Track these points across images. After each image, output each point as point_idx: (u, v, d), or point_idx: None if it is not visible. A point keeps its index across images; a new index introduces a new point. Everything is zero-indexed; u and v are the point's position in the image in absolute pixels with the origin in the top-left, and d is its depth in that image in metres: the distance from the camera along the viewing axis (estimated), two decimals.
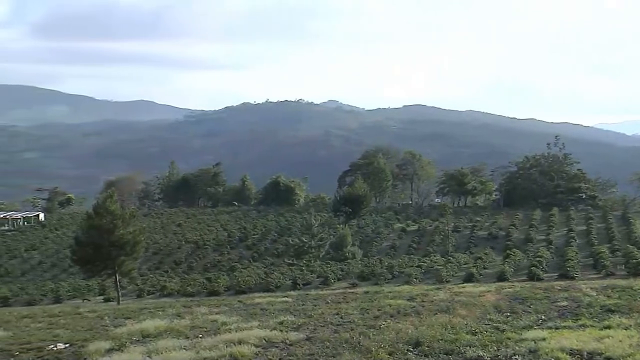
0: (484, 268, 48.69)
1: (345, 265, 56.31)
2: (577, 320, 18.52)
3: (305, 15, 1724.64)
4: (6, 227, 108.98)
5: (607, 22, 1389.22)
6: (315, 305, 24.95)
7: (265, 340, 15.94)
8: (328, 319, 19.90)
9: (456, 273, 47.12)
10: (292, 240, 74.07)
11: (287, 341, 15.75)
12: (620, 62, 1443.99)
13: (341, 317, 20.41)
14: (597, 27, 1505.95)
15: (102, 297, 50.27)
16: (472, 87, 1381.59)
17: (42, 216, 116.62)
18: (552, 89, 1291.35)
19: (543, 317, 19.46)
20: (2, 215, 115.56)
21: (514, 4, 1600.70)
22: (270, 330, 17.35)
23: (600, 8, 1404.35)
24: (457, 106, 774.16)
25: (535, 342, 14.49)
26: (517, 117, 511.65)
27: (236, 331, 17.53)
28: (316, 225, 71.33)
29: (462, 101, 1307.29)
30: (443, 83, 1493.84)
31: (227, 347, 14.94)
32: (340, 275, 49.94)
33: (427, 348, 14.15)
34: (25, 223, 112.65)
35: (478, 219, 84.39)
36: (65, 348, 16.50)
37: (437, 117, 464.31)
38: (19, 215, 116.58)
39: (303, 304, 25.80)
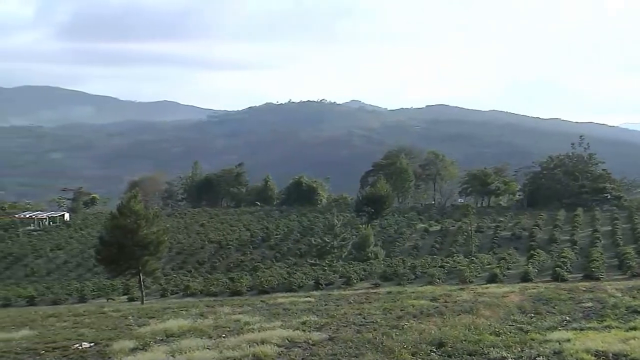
0: (508, 269, 48.36)
1: (367, 265, 56.23)
2: (602, 321, 18.34)
3: (329, 16, 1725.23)
4: (32, 227, 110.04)
5: (632, 20, 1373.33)
6: (338, 306, 24.94)
7: (287, 340, 15.95)
8: (351, 319, 19.88)
9: (479, 273, 46.85)
10: (314, 241, 74.07)
11: (310, 341, 15.74)
12: None
13: (364, 318, 20.38)
14: (622, 26, 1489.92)
15: (126, 296, 50.58)
16: (496, 87, 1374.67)
17: (67, 216, 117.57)
18: (576, 89, 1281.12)
19: (568, 318, 19.31)
20: (28, 215, 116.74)
21: (539, 3, 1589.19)
22: (293, 330, 17.36)
23: (625, 6, 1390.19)
24: (480, 106, 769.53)
25: (559, 344, 14.37)
26: (541, 117, 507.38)
27: (259, 331, 17.56)
28: (338, 226, 71.22)
29: (485, 101, 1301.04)
30: (466, 83, 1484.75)
31: (250, 346, 14.97)
32: (362, 275, 49.88)
33: (450, 349, 14.08)
34: (51, 223, 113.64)
35: (501, 219, 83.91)
36: (90, 347, 16.63)
37: (460, 117, 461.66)
38: (44, 215, 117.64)
39: (326, 304, 25.80)
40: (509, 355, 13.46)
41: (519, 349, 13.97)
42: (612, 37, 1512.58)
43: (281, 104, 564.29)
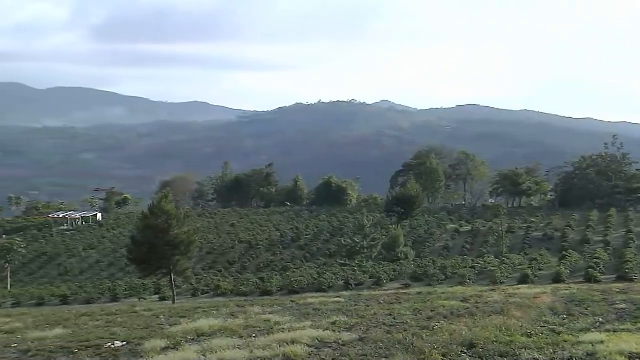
0: (539, 269, 47.91)
1: (397, 265, 56.11)
2: (636, 323, 18.12)
3: (359, 15, 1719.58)
4: (65, 227, 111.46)
5: None
6: (368, 306, 24.91)
7: (318, 340, 15.96)
8: (381, 320, 19.85)
9: (510, 274, 46.50)
10: (344, 241, 74.03)
11: (340, 341, 15.74)
12: None
13: (394, 318, 20.33)
14: None
15: (157, 296, 50.99)
16: (527, 86, 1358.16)
17: (99, 216, 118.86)
18: (609, 88, 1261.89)
19: (601, 319, 19.09)
20: (61, 215, 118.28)
21: (571, 1, 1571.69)
22: (323, 331, 17.37)
23: None
24: (511, 106, 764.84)
25: (592, 345, 14.22)
26: (573, 117, 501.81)
27: (289, 331, 17.60)
28: (368, 226, 71.12)
29: (516, 101, 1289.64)
30: (497, 82, 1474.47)
31: (280, 346, 15.01)
32: (392, 275, 49.76)
33: (481, 350, 14.00)
34: (84, 223, 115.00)
35: (533, 219, 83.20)
36: (123, 346, 16.79)
37: (490, 116, 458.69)
38: (77, 215, 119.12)
39: (355, 305, 25.78)
40: (540, 357, 13.35)
41: (551, 351, 13.84)
42: None
43: (311, 104, 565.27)
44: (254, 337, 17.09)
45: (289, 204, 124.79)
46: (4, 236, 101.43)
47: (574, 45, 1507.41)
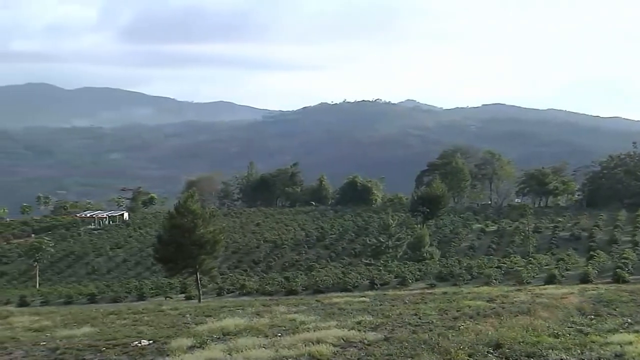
0: (566, 270, 47.42)
1: (423, 265, 55.94)
2: None
3: (385, 15, 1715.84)
4: (93, 226, 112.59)
5: None
6: (393, 306, 24.85)
7: (343, 339, 15.95)
8: (406, 320, 19.79)
9: (537, 274, 46.08)
10: (369, 240, 73.97)
11: (365, 341, 15.72)
12: None
13: (419, 318, 20.26)
14: None
15: (183, 295, 51.22)
16: (554, 85, 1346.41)
17: (126, 215, 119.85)
18: (637, 87, 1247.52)
19: (629, 320, 18.88)
20: (89, 215, 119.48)
21: (596, 0, 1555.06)
22: (348, 330, 17.35)
23: None
24: (537, 105, 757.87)
25: (621, 346, 14.08)
26: (601, 116, 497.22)
27: (314, 330, 17.60)
28: (394, 225, 70.97)
29: (543, 100, 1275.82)
30: (523, 81, 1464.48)
31: (305, 346, 15.01)
32: (418, 275, 49.59)
33: (507, 350, 13.91)
34: (111, 222, 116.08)
35: (560, 219, 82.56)
36: (149, 344, 16.90)
37: (516, 116, 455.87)
38: (104, 214, 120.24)
39: (381, 304, 25.72)
40: (568, 357, 13.25)
41: (579, 352, 13.73)
42: None
43: (336, 103, 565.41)
44: (280, 336, 17.11)
45: (314, 203, 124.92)
46: (33, 235, 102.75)
47: (602, 43, 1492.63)
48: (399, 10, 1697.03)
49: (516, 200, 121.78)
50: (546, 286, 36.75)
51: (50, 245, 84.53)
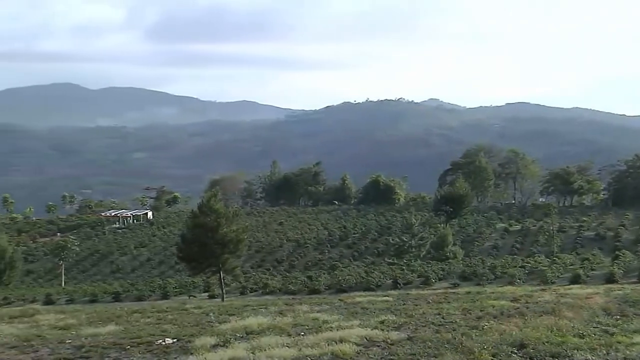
0: (592, 269, 46.96)
1: (446, 265, 55.69)
2: None
3: (408, 15, 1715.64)
4: (117, 225, 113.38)
5: None
6: (416, 305, 24.77)
7: (366, 339, 15.93)
8: (429, 319, 19.72)
9: (562, 274, 45.67)
10: (392, 240, 73.87)
11: (389, 340, 15.69)
12: None
13: (443, 318, 20.19)
14: None
15: (207, 293, 51.37)
16: (579, 84, 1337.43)
17: (150, 214, 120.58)
18: None
19: None
20: (113, 214, 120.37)
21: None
22: (372, 329, 17.33)
23: None
24: (562, 104, 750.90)
25: None
26: (627, 114, 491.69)
27: (337, 329, 17.60)
28: (417, 225, 70.80)
29: (568, 98, 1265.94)
30: (548, 80, 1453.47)
31: (328, 345, 15.02)
32: (441, 275, 49.37)
33: (532, 350, 13.82)
34: (135, 221, 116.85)
35: (585, 219, 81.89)
36: (173, 343, 16.99)
37: (541, 114, 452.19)
38: (129, 213, 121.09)
39: (404, 304, 25.66)
40: (593, 358, 13.14)
41: (604, 352, 13.61)
42: None
43: (359, 103, 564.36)
44: (302, 335, 17.12)
45: (336, 202, 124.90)
46: (58, 234, 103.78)
47: (629, 41, 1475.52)
48: (423, 9, 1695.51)
49: (540, 199, 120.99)
50: (571, 286, 36.45)
51: (76, 244, 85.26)
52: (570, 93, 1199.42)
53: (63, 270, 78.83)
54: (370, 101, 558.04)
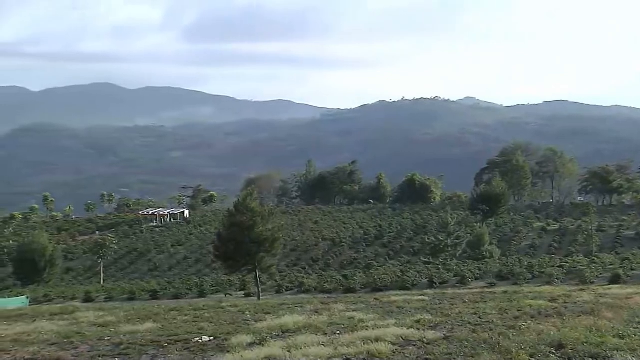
0: (632, 269, 46.25)
1: (482, 264, 55.34)
2: None
3: (445, 12, 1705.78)
4: (154, 224, 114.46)
5: None
6: (453, 305, 24.62)
7: (402, 338, 15.86)
8: (466, 319, 19.58)
9: (601, 274, 45.07)
10: (428, 239, 73.55)
11: (425, 340, 15.61)
12: None
13: (479, 317, 20.02)
14: None
15: (243, 292, 51.64)
16: (618, 81, 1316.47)
17: (187, 213, 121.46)
18: None
19: None
20: (150, 212, 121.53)
21: None
22: (407, 329, 17.25)
23: None
24: (601, 101, 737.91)
25: None
26: None
27: (373, 329, 17.56)
28: (452, 224, 70.43)
29: (607, 96, 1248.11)
30: (587, 78, 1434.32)
31: (364, 344, 14.99)
32: (477, 274, 49.08)
33: (570, 351, 13.65)
34: (172, 220, 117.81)
35: (624, 218, 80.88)
36: (210, 341, 17.09)
37: (579, 112, 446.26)
38: (166, 212, 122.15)
39: (440, 303, 25.51)
40: (633, 359, 12.94)
41: None
42: None
43: (394, 101, 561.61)
44: (338, 334, 17.11)
45: (372, 201, 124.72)
46: (97, 232, 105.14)
47: None
48: (460, 7, 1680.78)
49: (579, 198, 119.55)
50: (610, 286, 35.96)
51: (114, 242, 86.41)
52: (609, 91, 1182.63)
53: (102, 268, 79.90)
54: (406, 100, 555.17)
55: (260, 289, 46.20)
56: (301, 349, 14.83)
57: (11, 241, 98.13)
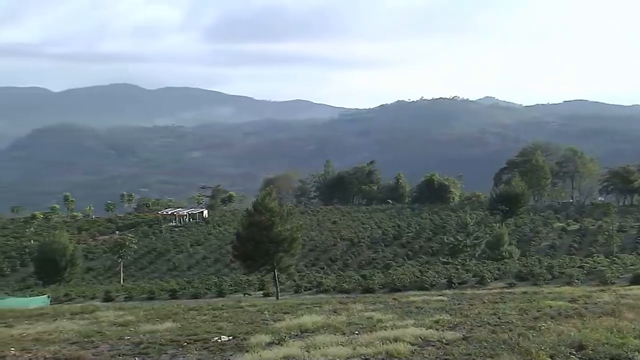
0: None
1: (501, 264, 55.04)
2: None
3: (463, 12, 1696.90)
4: (173, 224, 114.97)
5: None
6: (472, 305, 24.52)
7: (421, 338, 15.83)
8: (485, 319, 19.49)
9: (622, 275, 44.69)
10: (447, 239, 73.31)
11: (444, 340, 15.57)
12: None
13: (499, 318, 19.93)
14: None
15: (261, 292, 51.73)
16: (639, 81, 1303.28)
17: (205, 213, 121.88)
18: None
19: None
20: (170, 212, 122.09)
21: None
22: (426, 329, 17.21)
23: None
24: (621, 101, 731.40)
25: None
26: None
27: (392, 329, 17.53)
28: (471, 224, 70.15)
29: (627, 96, 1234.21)
30: (607, 77, 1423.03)
31: (383, 344, 14.98)
32: (496, 274, 48.84)
33: (591, 352, 13.56)
34: (191, 219, 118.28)
35: None
36: (229, 340, 17.14)
37: (599, 112, 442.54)
38: (185, 212, 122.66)
39: (459, 303, 25.42)
40: None
41: None
42: None
43: (413, 101, 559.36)
44: (357, 334, 17.10)
45: (390, 201, 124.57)
46: (117, 232, 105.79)
47: None
48: (477, 6, 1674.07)
49: (599, 198, 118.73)
50: (632, 287, 35.63)
51: (134, 242, 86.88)
52: (629, 90, 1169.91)
53: (122, 268, 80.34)
54: (425, 99, 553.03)
55: (278, 289, 46.27)
56: (320, 348, 14.84)
57: (32, 241, 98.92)
